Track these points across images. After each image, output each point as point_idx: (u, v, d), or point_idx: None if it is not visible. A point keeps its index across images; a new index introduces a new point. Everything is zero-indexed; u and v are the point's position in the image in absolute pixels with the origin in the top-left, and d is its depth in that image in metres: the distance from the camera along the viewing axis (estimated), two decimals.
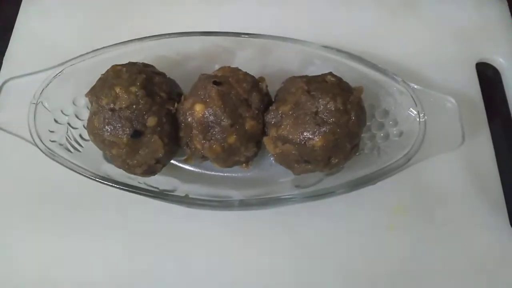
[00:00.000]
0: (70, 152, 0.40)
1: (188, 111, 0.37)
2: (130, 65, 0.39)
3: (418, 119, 0.40)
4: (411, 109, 0.40)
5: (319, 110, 0.36)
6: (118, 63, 0.39)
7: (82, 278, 0.41)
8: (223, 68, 0.40)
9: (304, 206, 0.43)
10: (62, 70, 0.40)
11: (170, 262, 0.42)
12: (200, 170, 0.44)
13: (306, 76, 0.40)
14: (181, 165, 0.44)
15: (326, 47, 0.42)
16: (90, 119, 0.38)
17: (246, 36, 0.43)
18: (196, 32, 0.43)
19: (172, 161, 0.43)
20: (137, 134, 0.36)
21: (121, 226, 0.43)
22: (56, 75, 0.40)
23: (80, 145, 0.41)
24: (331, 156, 0.37)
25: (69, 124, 0.41)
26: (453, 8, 0.55)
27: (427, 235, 0.43)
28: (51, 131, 0.40)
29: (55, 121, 0.40)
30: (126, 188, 0.37)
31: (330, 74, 0.39)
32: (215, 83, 0.37)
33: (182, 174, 0.44)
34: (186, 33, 0.43)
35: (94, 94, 0.37)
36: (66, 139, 0.40)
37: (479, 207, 0.44)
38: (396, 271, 0.42)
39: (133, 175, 0.39)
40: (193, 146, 0.38)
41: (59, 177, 0.41)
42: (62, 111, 0.41)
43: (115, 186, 0.37)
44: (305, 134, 0.36)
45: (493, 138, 0.47)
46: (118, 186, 0.37)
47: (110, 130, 0.36)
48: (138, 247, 0.42)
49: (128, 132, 0.36)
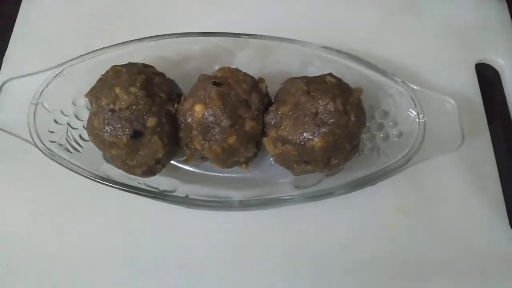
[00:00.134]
0: (70, 152, 0.40)
1: (188, 112, 0.37)
2: (130, 65, 0.39)
3: (417, 120, 0.40)
4: (411, 110, 0.40)
5: (319, 111, 0.36)
6: (118, 64, 0.39)
7: (81, 278, 0.41)
8: (223, 68, 0.40)
9: (303, 207, 0.43)
10: (62, 71, 0.40)
11: (169, 262, 0.42)
12: (199, 171, 0.44)
13: (305, 77, 0.40)
14: (181, 165, 0.44)
15: (325, 48, 0.42)
16: (90, 120, 0.38)
17: (246, 36, 0.43)
18: (195, 32, 0.43)
19: (172, 161, 0.43)
20: (137, 135, 0.36)
21: (121, 226, 0.43)
22: (56, 76, 0.40)
23: (79, 145, 0.41)
24: (331, 156, 0.37)
25: (68, 124, 0.41)
26: (452, 9, 0.55)
27: (427, 236, 0.43)
28: (51, 132, 0.40)
29: (55, 121, 0.41)
30: (126, 188, 0.38)
31: (329, 75, 0.39)
32: (215, 84, 0.37)
33: (182, 175, 0.44)
34: (186, 33, 0.43)
35: (94, 94, 0.37)
36: (66, 140, 0.40)
37: (479, 208, 0.44)
38: (396, 272, 0.42)
39: (133, 176, 0.39)
40: (192, 147, 0.38)
41: (59, 177, 0.41)
42: (62, 112, 0.41)
43: (115, 186, 0.37)
44: (304, 134, 0.36)
45: (492, 138, 0.47)
46: (118, 186, 0.37)
47: (110, 130, 0.36)
48: (138, 248, 0.42)
49: (128, 132, 0.36)
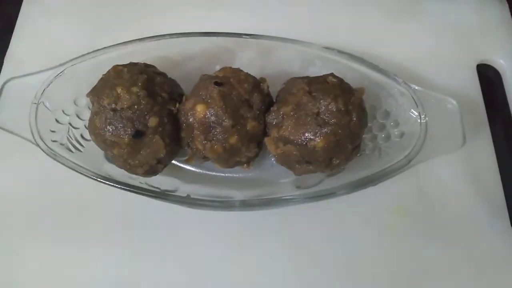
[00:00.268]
0: (71, 152, 0.40)
1: (189, 112, 0.37)
2: (132, 65, 0.39)
3: (419, 120, 0.40)
4: (412, 110, 0.40)
5: (321, 111, 0.36)
6: (119, 63, 0.39)
7: (82, 278, 0.41)
8: (225, 68, 0.40)
9: (305, 207, 0.43)
10: (63, 70, 0.40)
11: (170, 262, 0.42)
12: (201, 171, 0.44)
13: (307, 77, 0.40)
14: (182, 165, 0.44)
15: (327, 48, 0.42)
16: (91, 119, 0.37)
17: (247, 37, 0.43)
18: (197, 32, 0.43)
19: (173, 161, 0.43)
20: (138, 134, 0.36)
21: (121, 226, 0.43)
22: (57, 75, 0.40)
23: (81, 145, 0.41)
24: (333, 157, 0.37)
25: (70, 124, 0.41)
26: (454, 9, 0.55)
27: (428, 236, 0.43)
28: (52, 131, 0.40)
29: (56, 121, 0.40)
30: (128, 188, 0.37)
31: (331, 75, 0.39)
32: (217, 84, 0.37)
33: (183, 175, 0.44)
34: (187, 33, 0.43)
35: (96, 94, 0.37)
36: (67, 139, 0.40)
37: (480, 209, 0.44)
38: (396, 272, 0.42)
39: (134, 175, 0.39)
40: (194, 147, 0.38)
41: (60, 177, 0.41)
42: (63, 111, 0.41)
43: (117, 186, 0.37)
44: (306, 134, 0.36)
45: (493, 139, 0.47)
46: (120, 186, 0.37)
47: (111, 130, 0.36)
48: (139, 247, 0.42)
49: (129, 132, 0.36)
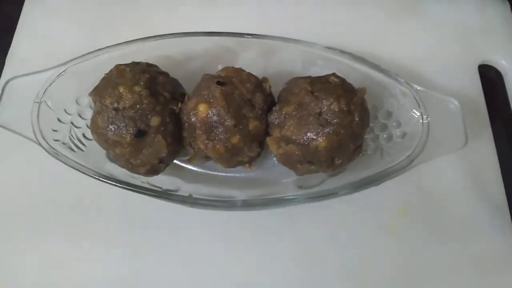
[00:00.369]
0: (73, 151, 0.40)
1: (191, 111, 0.37)
2: (134, 64, 0.39)
3: (421, 121, 0.40)
4: (414, 110, 0.40)
5: (323, 111, 0.36)
6: (122, 63, 0.39)
7: (84, 278, 0.41)
8: (227, 68, 0.40)
9: (306, 207, 0.43)
10: (65, 70, 0.40)
11: (171, 261, 0.42)
12: (203, 170, 0.44)
13: (309, 77, 0.40)
14: (184, 165, 0.44)
15: (329, 48, 0.42)
16: (93, 119, 0.37)
17: (249, 36, 0.43)
18: (199, 32, 0.43)
19: (175, 161, 0.43)
20: (140, 134, 0.36)
21: (123, 226, 0.43)
22: (59, 74, 0.40)
23: (83, 144, 0.41)
24: (335, 157, 0.37)
25: (72, 123, 0.41)
26: (455, 10, 0.55)
27: (429, 236, 0.43)
28: (54, 130, 0.40)
29: (59, 120, 0.40)
30: (129, 187, 0.37)
31: (333, 75, 0.39)
32: (219, 83, 0.37)
33: (185, 174, 0.44)
34: (189, 33, 0.42)
35: (98, 93, 0.37)
36: (69, 138, 0.40)
37: (482, 209, 0.44)
38: (398, 272, 0.42)
39: (136, 175, 0.39)
40: (196, 146, 0.38)
41: (62, 176, 0.41)
42: (65, 110, 0.41)
43: (118, 185, 0.37)
44: (308, 134, 0.36)
45: (495, 139, 0.47)
46: (121, 185, 0.37)
47: (113, 129, 0.36)
48: (140, 247, 0.42)
49: (131, 131, 0.36)
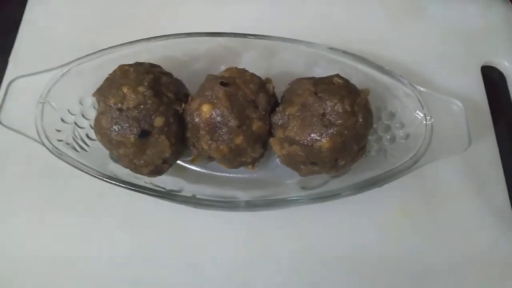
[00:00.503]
0: (77, 151, 0.40)
1: (195, 112, 0.37)
2: (137, 65, 0.39)
3: (424, 122, 0.40)
4: (418, 111, 0.40)
5: (327, 111, 0.36)
6: (125, 63, 0.39)
7: (88, 278, 0.41)
8: (230, 69, 0.40)
9: (309, 208, 0.43)
10: (68, 70, 0.40)
11: (175, 261, 0.42)
12: (206, 171, 0.44)
13: (313, 77, 0.40)
14: (187, 165, 0.44)
15: (332, 49, 0.42)
16: (97, 119, 0.37)
17: (253, 37, 0.43)
18: (202, 33, 0.43)
19: (178, 161, 0.43)
20: (144, 134, 0.36)
21: (127, 226, 0.43)
22: (63, 75, 0.40)
23: (86, 144, 0.41)
24: (338, 158, 0.37)
25: (75, 123, 0.41)
26: (459, 11, 0.55)
27: (431, 237, 0.43)
28: (58, 130, 0.40)
29: (62, 120, 0.40)
30: (133, 187, 0.37)
31: (337, 76, 0.39)
32: (223, 84, 0.37)
33: (188, 175, 0.44)
34: (193, 33, 0.42)
35: (102, 93, 0.37)
36: (73, 139, 0.40)
37: (484, 210, 0.44)
38: (399, 272, 0.42)
39: (139, 175, 0.39)
40: (200, 147, 0.38)
41: (65, 176, 0.41)
42: (68, 111, 0.41)
43: (122, 185, 0.37)
44: (312, 135, 0.36)
45: (498, 141, 0.47)
46: (125, 185, 0.37)
47: (117, 130, 0.36)
48: (143, 247, 0.42)
49: (135, 132, 0.36)
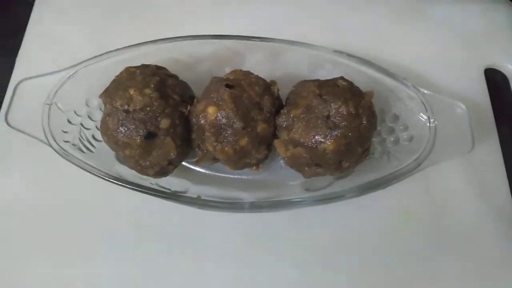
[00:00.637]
0: (83, 152, 0.40)
1: (200, 114, 0.38)
2: (144, 67, 0.39)
3: (428, 124, 0.40)
4: (421, 114, 0.41)
5: (331, 114, 0.36)
6: (132, 65, 0.39)
7: (93, 278, 0.41)
8: (235, 71, 0.40)
9: (313, 209, 0.43)
10: (75, 72, 0.41)
11: (178, 260, 0.42)
12: (210, 172, 0.44)
13: (317, 80, 0.40)
14: (192, 166, 0.45)
15: (336, 52, 0.43)
16: (104, 120, 0.38)
17: (258, 39, 0.43)
18: (208, 35, 0.43)
19: (183, 162, 0.43)
20: (150, 136, 0.36)
21: (131, 227, 0.43)
22: (69, 76, 0.41)
23: (92, 145, 0.41)
24: (342, 160, 0.37)
25: (82, 125, 0.42)
26: (461, 14, 0.55)
27: (435, 240, 0.43)
28: (65, 132, 0.40)
29: (69, 121, 0.41)
30: (139, 188, 0.38)
31: (341, 78, 0.39)
32: (228, 86, 0.38)
33: (193, 176, 0.44)
34: (198, 36, 0.43)
35: (108, 95, 0.38)
36: (79, 140, 0.41)
37: (487, 213, 0.44)
38: (403, 275, 0.42)
39: (145, 176, 0.39)
40: (205, 148, 0.39)
41: (72, 177, 0.41)
42: (75, 112, 0.41)
43: (128, 186, 0.38)
44: (316, 137, 0.36)
45: (501, 143, 0.47)
46: (131, 186, 0.38)
47: (124, 131, 0.36)
48: (148, 248, 0.42)
49: (141, 133, 0.36)
